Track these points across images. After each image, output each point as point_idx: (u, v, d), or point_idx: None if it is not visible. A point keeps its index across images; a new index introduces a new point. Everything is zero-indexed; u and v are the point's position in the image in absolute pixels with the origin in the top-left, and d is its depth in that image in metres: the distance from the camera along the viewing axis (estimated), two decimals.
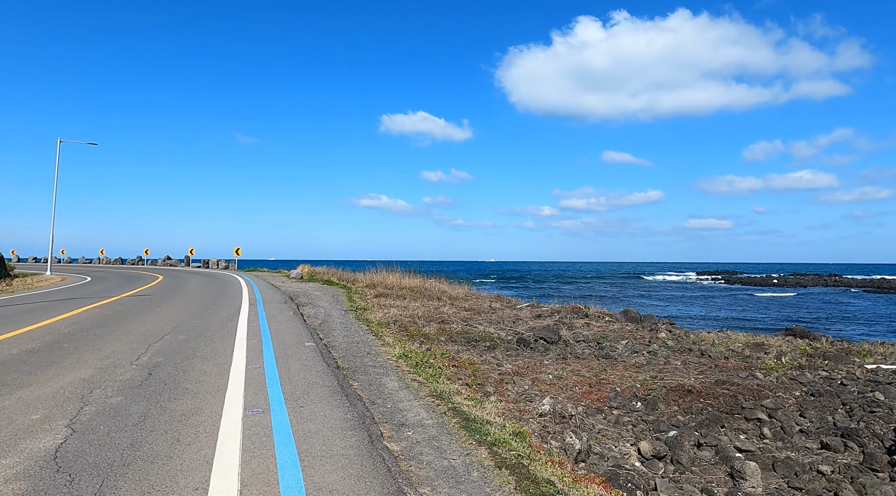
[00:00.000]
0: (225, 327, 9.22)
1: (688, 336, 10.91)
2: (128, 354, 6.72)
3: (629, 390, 6.80)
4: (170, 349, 7.11)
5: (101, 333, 8.34)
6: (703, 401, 6.35)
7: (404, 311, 13.71)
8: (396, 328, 10.66)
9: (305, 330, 9.32)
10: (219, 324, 9.67)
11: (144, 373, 5.70)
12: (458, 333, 11.04)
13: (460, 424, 4.52)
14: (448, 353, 8.19)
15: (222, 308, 12.36)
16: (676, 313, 24.99)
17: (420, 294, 18.75)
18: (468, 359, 8.02)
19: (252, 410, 4.46)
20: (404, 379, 6.10)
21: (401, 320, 11.78)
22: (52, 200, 36.26)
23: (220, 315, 11.00)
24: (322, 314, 12.18)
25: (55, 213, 36.71)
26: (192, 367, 6.05)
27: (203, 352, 6.98)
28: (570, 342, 10.79)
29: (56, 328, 8.81)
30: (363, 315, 12.38)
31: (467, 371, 7.15)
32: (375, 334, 9.59)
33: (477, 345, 10.11)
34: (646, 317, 14.56)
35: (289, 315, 11.36)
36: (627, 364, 8.56)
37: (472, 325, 12.15)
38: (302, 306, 13.85)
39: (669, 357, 8.99)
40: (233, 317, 10.58)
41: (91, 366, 6.02)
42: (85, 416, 4.22)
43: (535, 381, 6.99)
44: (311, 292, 18.48)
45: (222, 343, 7.66)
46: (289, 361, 6.54)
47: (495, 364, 7.92)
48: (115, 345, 7.30)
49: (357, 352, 7.61)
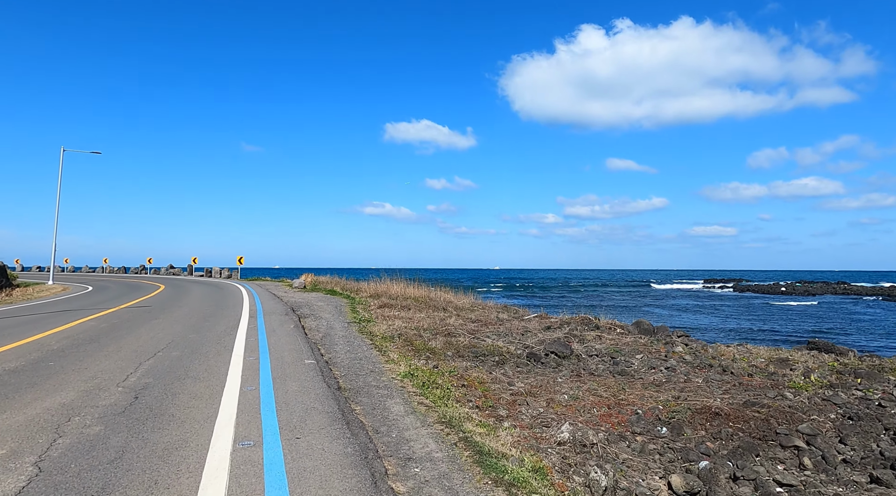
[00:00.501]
0: (222, 342, 8.81)
1: (706, 350, 10.41)
2: (116, 374, 6.30)
3: (651, 412, 6.33)
4: (161, 368, 6.69)
5: (91, 349, 7.93)
6: (733, 426, 5.88)
7: (409, 323, 13.27)
8: (401, 342, 10.22)
9: (306, 345, 8.90)
10: (216, 338, 9.25)
11: (130, 397, 5.28)
12: (466, 347, 10.59)
13: (473, 458, 4.07)
14: (456, 371, 7.74)
15: (221, 320, 11.96)
16: (689, 324, 24.38)
17: (425, 304, 18.31)
18: (478, 377, 7.57)
19: (243, 443, 4.03)
20: (410, 402, 5.66)
21: (405, 333, 11.34)
22: (55, 209, 36.13)
23: (218, 328, 10.59)
24: (324, 327, 11.76)
25: (58, 222, 36.57)
26: (182, 389, 5.63)
27: (196, 371, 6.55)
28: (583, 357, 10.32)
29: (46, 344, 8.42)
30: (367, 328, 11.95)
31: (477, 391, 6.69)
32: (379, 349, 9.16)
33: (485, 361, 9.65)
34: (659, 329, 14.06)
35: (289, 328, 10.95)
36: (646, 382, 8.08)
37: (479, 338, 11.69)
38: (304, 318, 13.44)
39: (689, 374, 8.50)
40: (231, 331, 10.17)
41: (74, 388, 5.61)
42: (56, 451, 3.80)
43: (550, 403, 6.52)
44: (314, 303, 18.08)
45: (217, 360, 7.24)
46: (287, 382, 6.11)
47: (506, 382, 7.46)
48: (103, 364, 6.89)
49: (360, 371, 7.18)
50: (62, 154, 36.31)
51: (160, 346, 8.27)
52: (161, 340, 8.90)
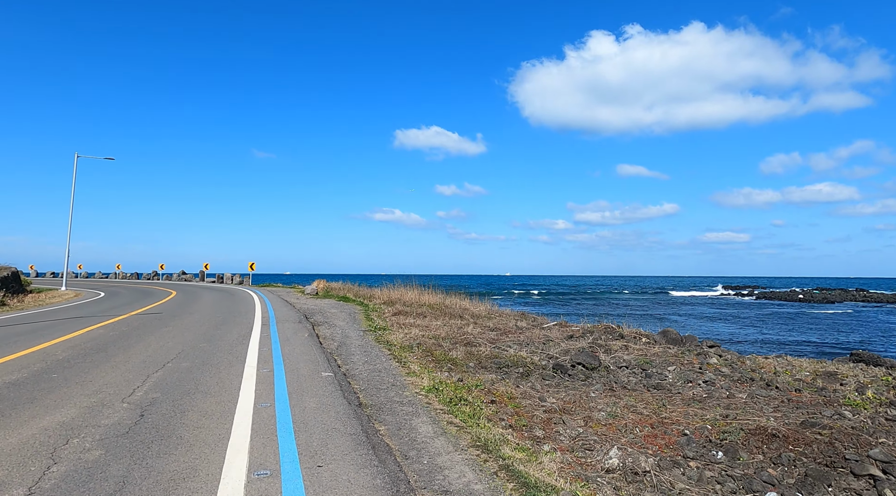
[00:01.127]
0: (234, 352, 8.39)
1: (743, 362, 9.81)
2: (121, 388, 5.89)
3: (700, 433, 5.79)
4: (170, 381, 6.27)
5: (98, 360, 7.55)
6: (793, 449, 5.32)
7: (426, 332, 12.79)
8: (420, 352, 9.74)
9: (322, 355, 8.45)
10: (228, 348, 8.84)
11: (136, 415, 4.85)
12: (488, 358, 10.09)
13: (518, 492, 3.58)
14: (482, 385, 7.24)
15: (233, 328, 11.56)
16: (716, 333, 23.53)
17: (441, 312, 17.82)
18: (506, 391, 7.06)
19: (258, 473, 3.57)
20: (439, 421, 5.18)
21: (424, 342, 10.87)
22: (69, 215, 36.20)
23: (230, 337, 10.19)
24: (339, 335, 11.32)
25: (71, 227, 36.64)
26: (192, 406, 5.19)
27: (207, 385, 6.12)
28: (612, 368, 9.76)
29: (51, 353, 8.05)
30: (383, 336, 11.50)
31: (508, 407, 6.19)
32: (398, 360, 8.69)
33: (510, 372, 9.15)
34: (687, 339, 13.45)
35: (304, 337, 10.51)
36: (685, 397, 7.53)
37: (501, 348, 11.18)
38: (317, 326, 13.02)
39: (731, 388, 7.92)
40: (243, 340, 9.76)
41: (76, 404, 5.19)
42: (49, 481, 3.37)
43: (587, 421, 6.00)
44: (327, 310, 17.67)
45: (229, 373, 6.81)
46: (304, 397, 5.65)
47: (537, 398, 6.95)
48: (109, 376, 6.48)
49: (380, 384, 6.71)
50: (76, 160, 36.46)
51: (170, 357, 7.86)
52: (171, 350, 8.50)
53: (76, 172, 36.25)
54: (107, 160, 38.21)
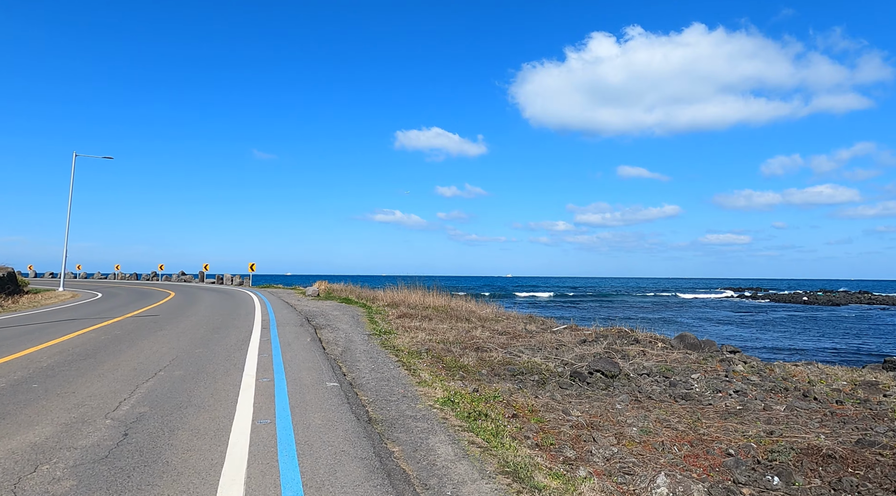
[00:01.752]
0: (232, 359, 7.84)
1: (771, 370, 9.24)
2: (107, 401, 5.34)
3: (745, 452, 5.24)
4: (160, 392, 5.72)
5: (85, 367, 7.00)
6: (854, 473, 4.78)
7: (433, 336, 12.25)
8: (430, 358, 9.20)
9: (325, 362, 7.91)
10: (225, 354, 8.29)
11: (118, 434, 4.30)
12: (501, 364, 9.54)
13: None
14: (500, 395, 6.69)
15: (231, 332, 11.02)
16: (731, 337, 22.77)
17: (447, 315, 17.28)
18: (525, 403, 6.50)
19: None
20: (459, 440, 4.63)
21: (432, 347, 10.32)
22: (67, 215, 35.72)
23: (228, 341, 9.64)
24: (343, 339, 10.77)
25: (71, 228, 36.14)
26: (182, 423, 4.64)
27: (201, 397, 5.57)
28: (633, 376, 9.21)
29: (35, 360, 7.51)
30: (389, 340, 10.95)
31: (531, 422, 5.64)
32: (407, 367, 8.14)
33: (525, 380, 8.60)
34: (705, 344, 12.89)
35: (305, 341, 9.96)
36: (718, 409, 6.97)
37: (513, 354, 10.63)
38: (320, 329, 12.48)
39: (766, 400, 7.36)
40: (242, 345, 9.21)
41: (53, 420, 4.65)
42: None
43: (619, 438, 5.44)
44: (329, 312, 17.13)
45: (226, 382, 6.26)
46: (307, 412, 5.10)
47: (560, 410, 6.39)
48: (95, 386, 5.94)
49: (390, 395, 6.16)
50: (74, 159, 35.97)
51: (162, 364, 7.32)
52: (164, 356, 7.95)
53: (74, 172, 35.76)
54: (106, 159, 37.75)
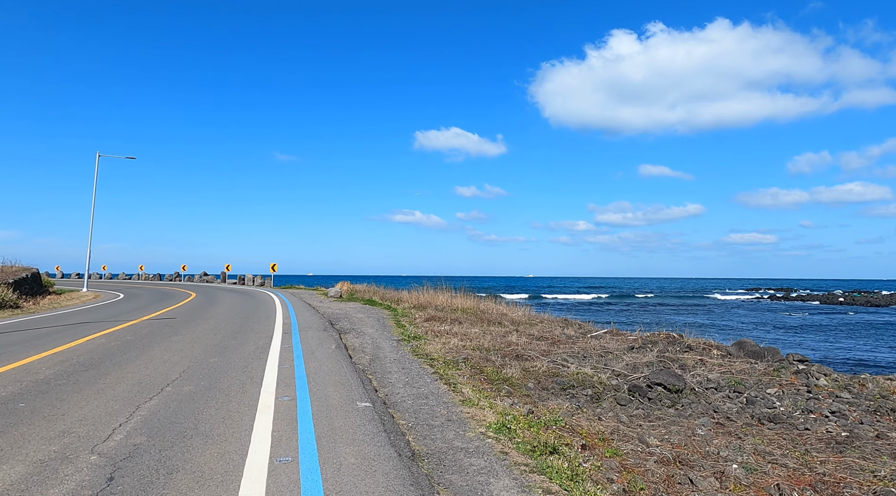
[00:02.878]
0: (249, 370, 6.97)
1: (862, 385, 8.04)
2: (98, 426, 4.49)
3: None
4: (163, 415, 4.85)
5: (84, 381, 6.19)
6: None
7: (466, 341, 11.27)
8: (468, 369, 8.22)
9: (354, 374, 6.99)
10: (242, 364, 7.43)
11: (103, 478, 3.42)
12: (547, 375, 8.52)
13: None
14: (559, 418, 5.67)
15: (250, 337, 10.19)
16: (784, 343, 21.16)
17: (477, 317, 16.29)
18: (591, 428, 5.48)
19: None
20: (528, 486, 3.63)
21: (468, 355, 9.34)
22: (90, 216, 35.70)
23: (245, 348, 8.80)
24: (370, 346, 9.86)
25: (95, 229, 36.12)
26: (184, 461, 3.74)
27: (209, 422, 4.68)
28: (699, 390, 8.10)
29: (34, 370, 6.74)
30: (420, 347, 10.01)
31: (608, 458, 4.61)
32: (445, 380, 7.18)
33: (577, 395, 7.58)
34: (768, 351, 11.66)
35: (330, 349, 9.07)
36: (818, 436, 5.84)
37: (557, 363, 9.58)
38: (344, 334, 11.61)
39: (874, 424, 6.21)
40: (261, 353, 8.36)
41: (28, 455, 3.79)
42: None
43: (721, 479, 4.39)
44: (353, 315, 16.28)
45: (240, 402, 5.37)
46: (337, 445, 4.17)
47: (635, 438, 5.35)
48: (90, 406, 5.10)
49: (432, 418, 5.20)
50: (97, 159, 35.94)
51: (171, 377, 6.47)
52: (175, 367, 7.13)
53: (97, 172, 35.72)
54: (129, 159, 37.69)
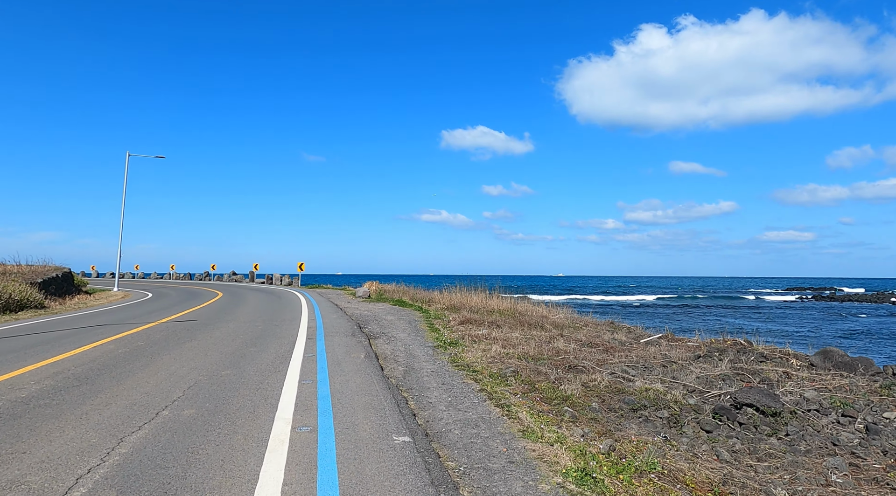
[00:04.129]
0: (264, 388, 5.93)
1: None
2: (62, 470, 3.46)
3: None
4: (148, 455, 3.81)
5: (70, 400, 5.24)
6: None
7: (509, 348, 10.07)
8: (519, 384, 7.03)
9: (386, 392, 5.87)
10: (258, 378, 6.40)
11: None
12: (610, 392, 7.25)
13: None
14: (650, 459, 4.43)
15: (271, 344, 9.20)
16: (878, 351, 18.85)
17: (516, 320, 15.04)
18: (694, 473, 4.23)
19: None
20: None
21: (516, 365, 8.15)
22: (121, 215, 35.75)
23: (264, 358, 7.79)
24: (403, 354, 8.76)
25: (127, 228, 36.17)
26: None
27: (203, 467, 3.61)
28: (800, 413, 6.71)
29: (19, 385, 5.83)
30: (459, 356, 8.86)
31: None
32: (495, 399, 6.01)
33: (650, 418, 6.31)
34: (860, 362, 10.09)
35: (359, 359, 7.99)
36: None
37: (618, 375, 8.28)
38: (374, 339, 10.55)
39: None
40: (281, 364, 7.32)
41: None
42: None
43: None
44: (383, 317, 15.24)
45: (248, 434, 4.30)
46: None
47: (759, 491, 4.08)
48: (64, 437, 4.10)
49: (489, 459, 4.03)
50: (127, 158, 35.99)
51: (173, 395, 5.47)
52: (180, 381, 6.14)
53: (127, 171, 35.75)
54: (159, 159, 37.67)
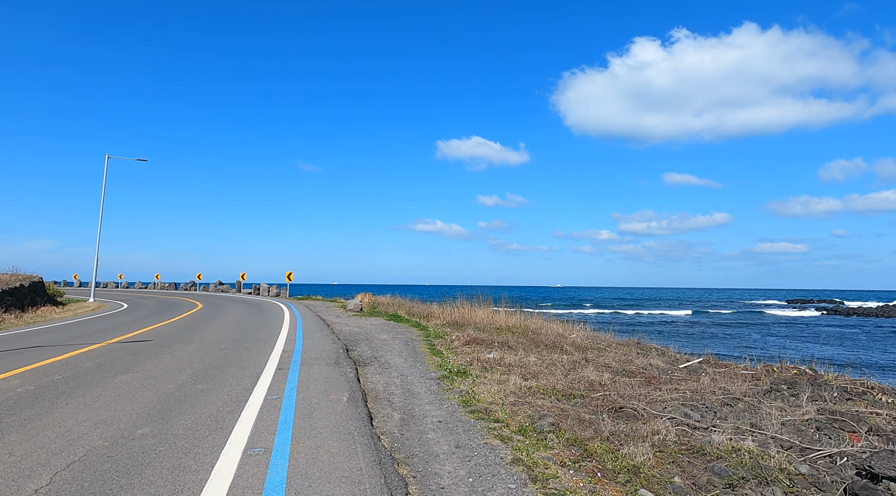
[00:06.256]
0: (185, 466, 3.89)
1: None
2: None
3: None
4: None
5: None
6: None
7: (531, 379, 8.05)
8: (563, 445, 5.01)
9: (376, 471, 3.85)
10: (185, 445, 4.36)
11: None
12: (684, 452, 5.24)
13: None
14: None
15: (228, 378, 7.15)
16: None
17: (529, 339, 13.01)
18: None
19: None
20: None
21: (548, 409, 6.13)
22: (98, 221, 33.57)
23: (210, 403, 5.74)
24: (399, 392, 6.73)
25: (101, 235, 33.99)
26: None
27: None
28: None
29: None
30: (472, 393, 6.83)
31: None
32: (533, 475, 4.02)
33: None
34: None
35: (340, 403, 5.94)
36: None
37: (681, 422, 6.26)
38: (363, 366, 8.52)
39: None
40: (228, 416, 5.27)
41: None
42: None
43: None
44: (375, 335, 13.19)
45: None
46: None
47: None
48: None
49: None
50: (106, 160, 33.92)
51: (30, 485, 3.43)
52: (66, 448, 4.09)
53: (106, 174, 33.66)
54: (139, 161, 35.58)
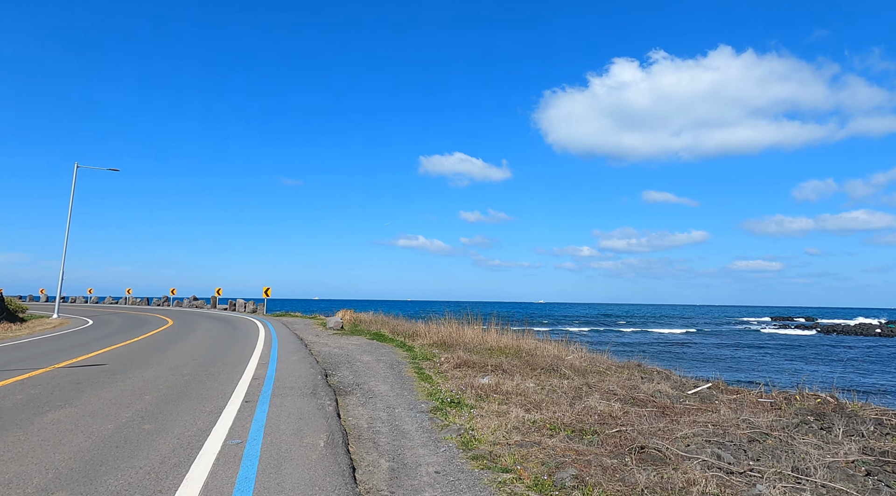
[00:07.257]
0: None
1: None
2: None
3: None
4: None
5: None
6: None
7: (533, 411, 7.08)
8: None
9: None
10: None
11: None
12: None
13: None
14: None
15: (183, 415, 6.04)
16: None
17: (523, 362, 12.05)
18: None
19: None
20: None
21: (562, 451, 5.17)
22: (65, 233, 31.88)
23: (154, 452, 4.66)
24: (386, 431, 5.71)
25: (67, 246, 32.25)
26: None
27: None
28: None
29: None
30: (469, 431, 5.83)
31: None
32: None
33: None
34: None
35: (317, 449, 4.90)
36: None
37: (715, 467, 5.32)
38: (344, 395, 7.49)
39: None
40: (172, 473, 4.21)
41: None
42: None
43: None
44: (357, 357, 12.12)
45: None
46: None
47: None
48: None
49: None
50: (75, 170, 32.34)
51: None
52: None
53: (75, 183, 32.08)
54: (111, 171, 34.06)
